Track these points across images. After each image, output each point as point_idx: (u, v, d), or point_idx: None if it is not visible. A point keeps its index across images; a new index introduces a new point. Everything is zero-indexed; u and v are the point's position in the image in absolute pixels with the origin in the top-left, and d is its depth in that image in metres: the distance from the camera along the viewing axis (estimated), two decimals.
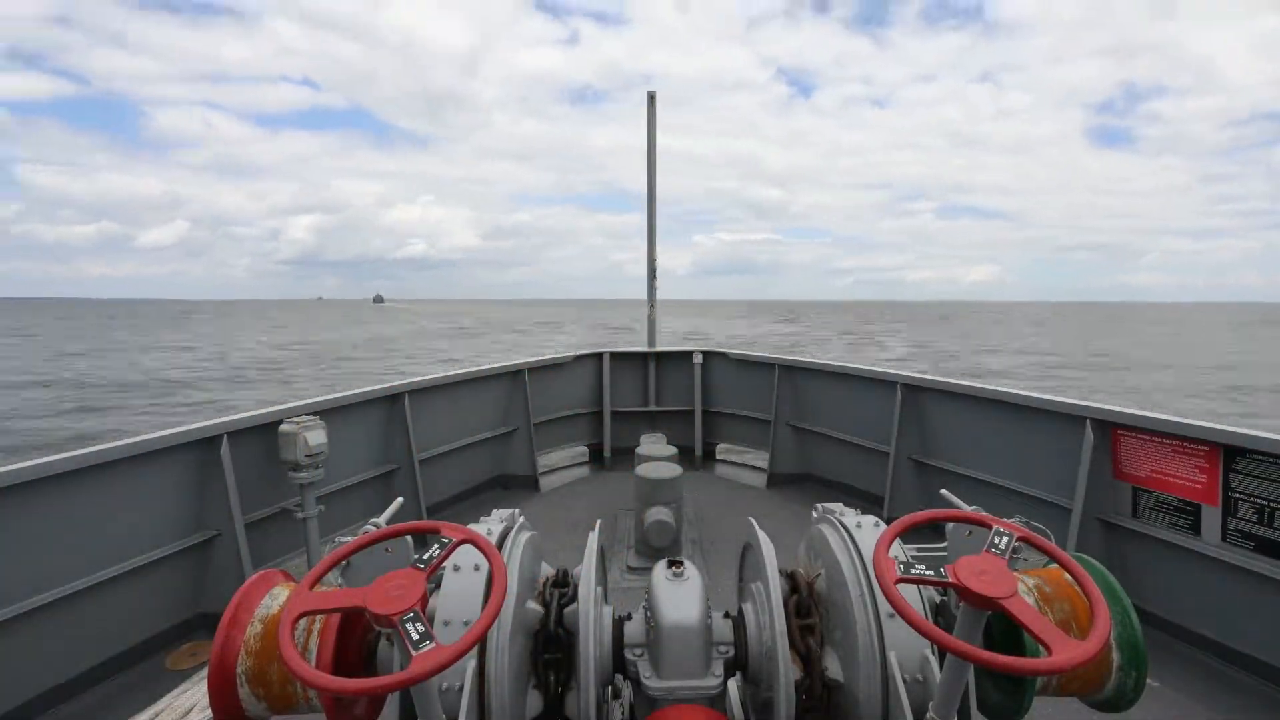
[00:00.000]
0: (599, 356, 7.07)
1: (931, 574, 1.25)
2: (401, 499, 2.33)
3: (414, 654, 1.10)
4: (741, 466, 6.82)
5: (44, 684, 2.96)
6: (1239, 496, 3.18)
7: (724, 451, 7.12)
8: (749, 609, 1.78)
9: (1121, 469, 3.71)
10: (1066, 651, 1.08)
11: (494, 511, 2.03)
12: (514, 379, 6.25)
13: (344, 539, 1.50)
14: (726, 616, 1.79)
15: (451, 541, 1.34)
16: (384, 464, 4.99)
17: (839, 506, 1.97)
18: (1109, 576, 1.51)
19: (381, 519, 1.95)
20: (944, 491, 2.16)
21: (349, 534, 1.61)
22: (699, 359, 7.03)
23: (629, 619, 1.77)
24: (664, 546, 4.38)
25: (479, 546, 1.34)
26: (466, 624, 1.52)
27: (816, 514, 2.00)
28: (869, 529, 1.78)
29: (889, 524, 1.47)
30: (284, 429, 3.83)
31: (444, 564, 1.40)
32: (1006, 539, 1.31)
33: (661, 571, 1.76)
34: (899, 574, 1.25)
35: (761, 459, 6.53)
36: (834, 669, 1.64)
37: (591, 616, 1.61)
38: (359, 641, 1.58)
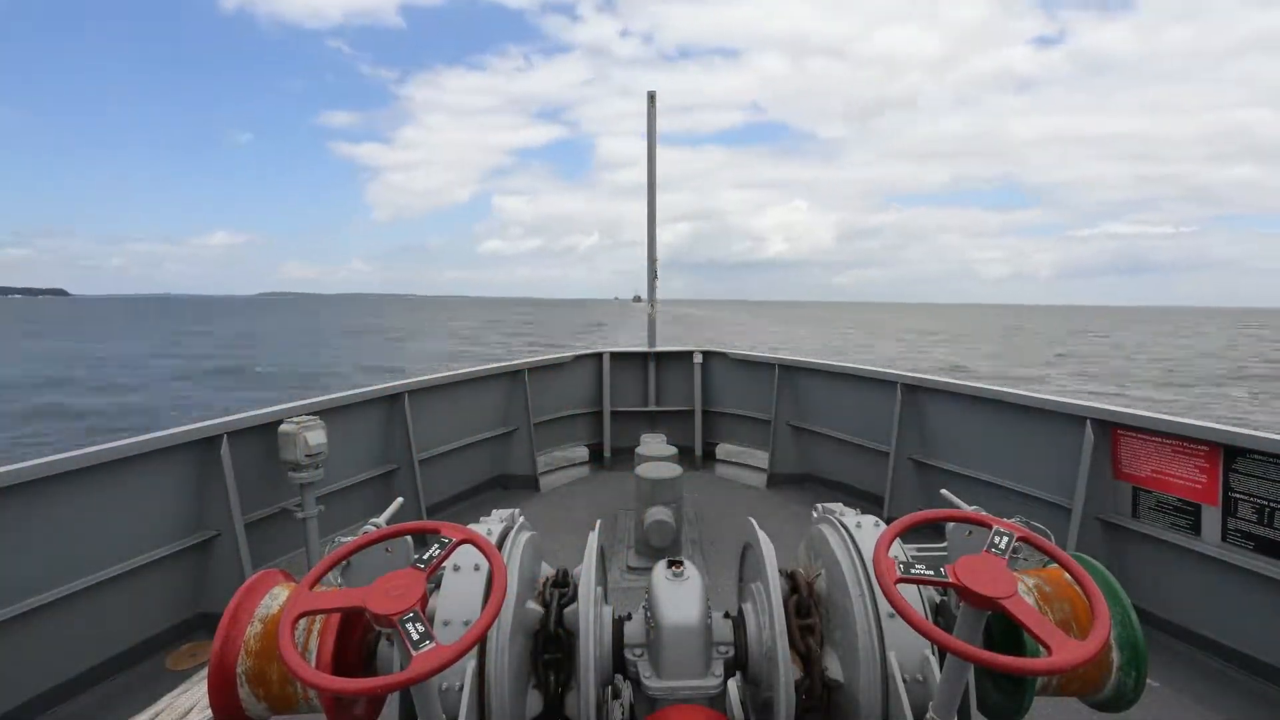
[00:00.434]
0: (599, 356, 7.07)
1: (931, 574, 1.25)
2: (401, 499, 2.33)
3: (414, 654, 1.10)
4: (741, 466, 6.81)
5: (44, 684, 2.96)
6: (1239, 496, 3.18)
7: (724, 451, 7.11)
8: (749, 609, 1.77)
9: (1122, 469, 3.71)
10: (1066, 651, 1.08)
11: (494, 511, 2.02)
12: (514, 379, 6.25)
13: (344, 539, 1.50)
14: (726, 616, 1.79)
15: (451, 541, 1.34)
16: (384, 464, 4.99)
17: (839, 506, 1.96)
18: (1109, 576, 1.51)
19: (381, 519, 1.95)
20: (944, 491, 2.16)
21: (349, 534, 1.61)
22: (699, 359, 7.03)
23: (629, 619, 1.77)
24: (664, 546, 4.38)
25: (479, 546, 1.34)
26: (466, 624, 1.52)
27: (816, 514, 1.99)
28: (869, 529, 1.78)
29: (889, 524, 1.47)
30: (284, 429, 3.83)
31: (444, 564, 1.40)
32: (1006, 539, 1.31)
33: (661, 571, 1.75)
34: (899, 574, 1.25)
35: (761, 459, 6.53)
36: (834, 669, 1.64)
37: (591, 616, 1.61)
38: (359, 641, 1.57)
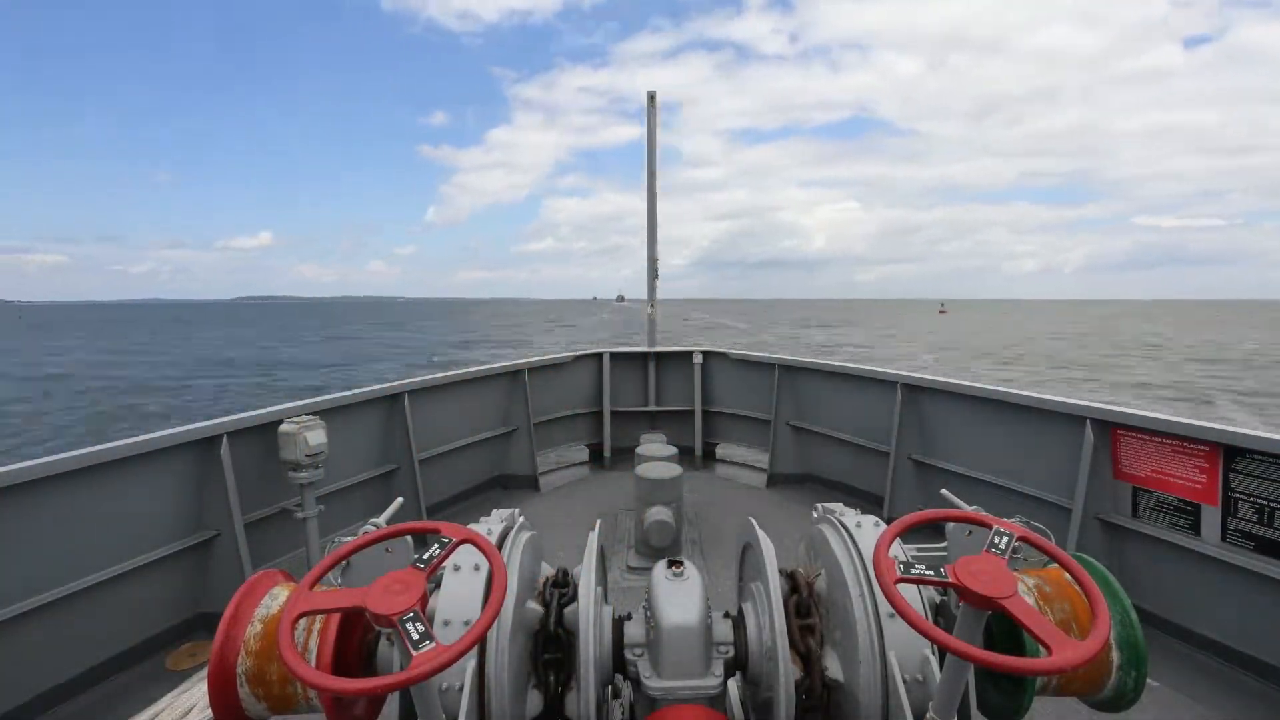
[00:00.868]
0: (599, 356, 7.07)
1: (931, 574, 1.25)
2: (401, 499, 2.33)
3: (414, 654, 1.10)
4: (741, 466, 6.81)
5: (44, 684, 2.96)
6: (1239, 496, 3.18)
7: (724, 451, 7.11)
8: (749, 609, 1.78)
9: (1122, 469, 3.71)
10: (1066, 651, 1.08)
11: (494, 511, 2.02)
12: (514, 379, 6.25)
13: (344, 539, 1.50)
14: (726, 616, 1.79)
15: (451, 541, 1.34)
16: (384, 464, 4.99)
17: (839, 506, 1.97)
18: (1109, 576, 1.51)
19: (381, 519, 1.95)
20: (944, 491, 2.16)
21: (349, 534, 1.61)
22: (699, 359, 7.03)
23: (629, 619, 1.77)
24: (664, 546, 4.38)
25: (479, 546, 1.34)
26: (466, 624, 1.52)
27: (816, 514, 2.00)
28: (869, 529, 1.78)
29: (889, 524, 1.47)
30: (284, 429, 3.83)
31: (444, 564, 1.40)
32: (1006, 539, 1.31)
33: (661, 571, 1.76)
34: (899, 574, 1.25)
35: (761, 459, 6.53)
36: (834, 669, 1.64)
37: (591, 616, 1.61)
38: (359, 641, 1.57)
